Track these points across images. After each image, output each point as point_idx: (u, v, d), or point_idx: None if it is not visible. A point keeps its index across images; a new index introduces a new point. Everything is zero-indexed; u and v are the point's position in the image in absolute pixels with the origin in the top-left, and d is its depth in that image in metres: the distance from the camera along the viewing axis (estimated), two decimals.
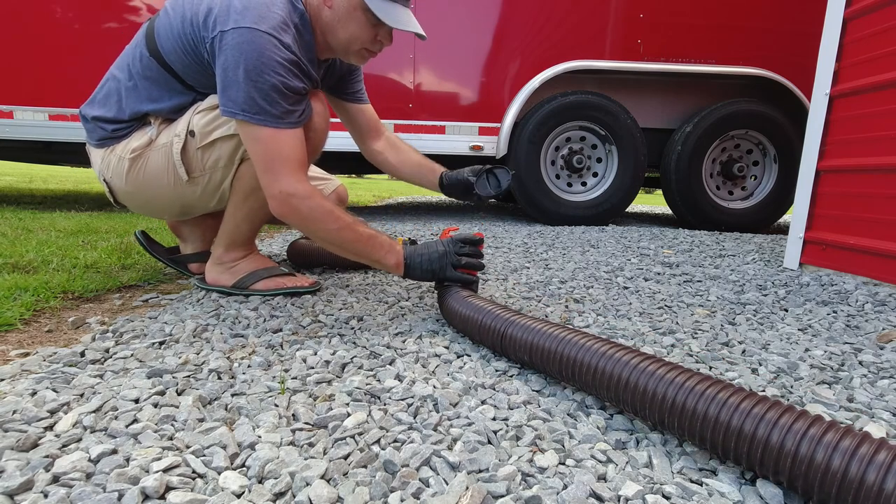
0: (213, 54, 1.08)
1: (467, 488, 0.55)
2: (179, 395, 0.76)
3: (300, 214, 1.08)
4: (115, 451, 0.60)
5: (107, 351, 0.92)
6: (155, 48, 1.17)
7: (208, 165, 1.23)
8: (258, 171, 1.09)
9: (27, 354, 0.89)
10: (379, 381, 0.84)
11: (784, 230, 3.40)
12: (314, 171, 1.65)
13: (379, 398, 0.77)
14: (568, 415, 0.74)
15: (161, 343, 0.96)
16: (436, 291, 1.22)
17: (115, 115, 1.24)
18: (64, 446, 0.61)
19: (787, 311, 1.35)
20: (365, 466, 0.60)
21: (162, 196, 1.28)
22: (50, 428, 0.65)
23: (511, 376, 0.87)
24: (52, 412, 0.68)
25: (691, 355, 0.99)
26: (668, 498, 0.56)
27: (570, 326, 0.85)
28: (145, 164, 1.24)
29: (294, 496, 0.54)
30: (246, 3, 1.06)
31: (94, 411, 0.69)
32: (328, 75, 1.40)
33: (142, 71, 1.20)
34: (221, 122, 1.18)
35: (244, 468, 0.59)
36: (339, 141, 3.07)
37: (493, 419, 0.72)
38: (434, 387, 0.81)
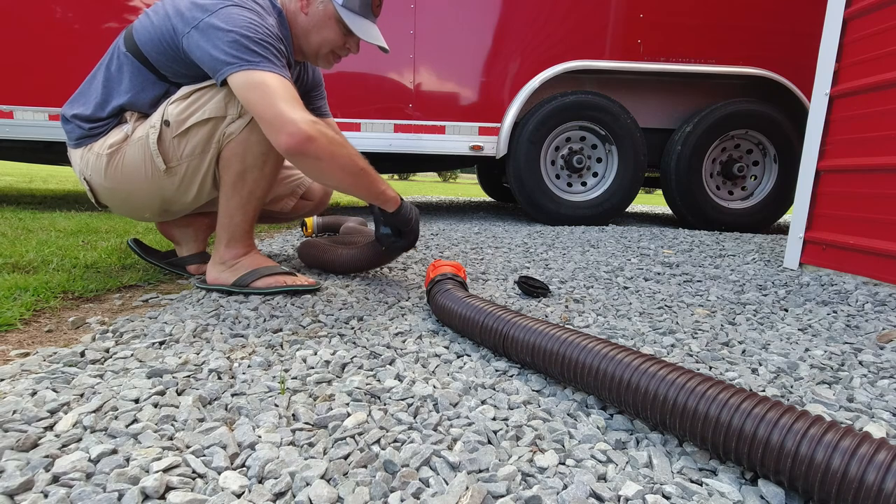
0: (200, 33, 1.15)
1: (467, 488, 0.55)
2: (179, 395, 0.76)
3: (327, 138, 1.11)
4: (115, 451, 0.60)
5: (107, 351, 0.92)
6: (132, 45, 1.24)
7: (185, 154, 1.25)
8: (269, 109, 1.10)
9: (27, 354, 0.89)
10: (379, 381, 0.84)
11: (784, 230, 3.40)
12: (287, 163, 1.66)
13: (379, 398, 0.77)
14: (568, 415, 0.74)
15: (161, 343, 0.96)
16: (427, 292, 1.23)
17: (92, 113, 1.27)
18: (64, 446, 0.61)
19: (787, 311, 1.35)
20: (365, 466, 0.60)
21: (141, 190, 1.30)
22: (50, 428, 0.65)
23: (511, 376, 0.87)
24: (52, 412, 0.68)
25: (691, 355, 0.99)
26: (668, 498, 0.56)
27: (571, 327, 0.85)
28: (122, 159, 1.26)
29: (294, 496, 0.54)
30: None
31: (94, 411, 0.69)
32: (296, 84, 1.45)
33: (118, 66, 1.26)
34: (195, 108, 1.22)
35: (244, 468, 0.59)
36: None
37: (493, 419, 0.72)
38: (434, 387, 0.81)
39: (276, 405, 0.73)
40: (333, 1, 1.28)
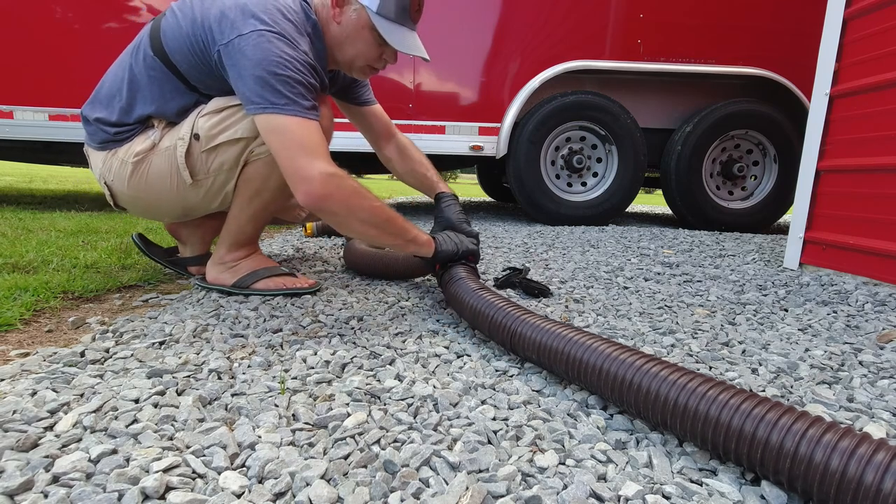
0: (227, 56, 1.08)
1: (467, 488, 0.55)
2: (179, 395, 0.76)
3: (344, 192, 1.07)
4: (115, 451, 0.60)
5: (107, 351, 0.92)
6: (160, 48, 1.17)
7: (213, 168, 1.23)
8: (288, 161, 1.06)
9: (27, 354, 0.89)
10: (379, 381, 0.84)
11: (784, 230, 3.40)
12: None
13: (379, 398, 0.77)
14: (568, 415, 0.74)
15: (161, 343, 0.96)
16: (439, 277, 1.25)
17: (118, 118, 1.22)
18: (64, 446, 0.61)
19: (787, 311, 1.35)
20: (365, 466, 0.60)
21: (164, 199, 1.28)
22: (50, 428, 0.65)
23: (511, 376, 0.87)
24: (52, 412, 0.68)
25: (691, 355, 0.99)
26: (668, 498, 0.56)
27: (580, 328, 0.85)
28: (148, 168, 1.23)
29: (294, 496, 0.54)
30: (262, 8, 1.08)
31: (94, 411, 0.69)
32: (333, 83, 1.43)
33: (145, 70, 1.19)
34: (227, 125, 1.19)
35: (244, 468, 0.59)
36: (344, 141, 3.08)
37: (493, 419, 0.72)
38: (434, 387, 0.81)
39: (276, 405, 0.73)
40: (367, 8, 1.16)
